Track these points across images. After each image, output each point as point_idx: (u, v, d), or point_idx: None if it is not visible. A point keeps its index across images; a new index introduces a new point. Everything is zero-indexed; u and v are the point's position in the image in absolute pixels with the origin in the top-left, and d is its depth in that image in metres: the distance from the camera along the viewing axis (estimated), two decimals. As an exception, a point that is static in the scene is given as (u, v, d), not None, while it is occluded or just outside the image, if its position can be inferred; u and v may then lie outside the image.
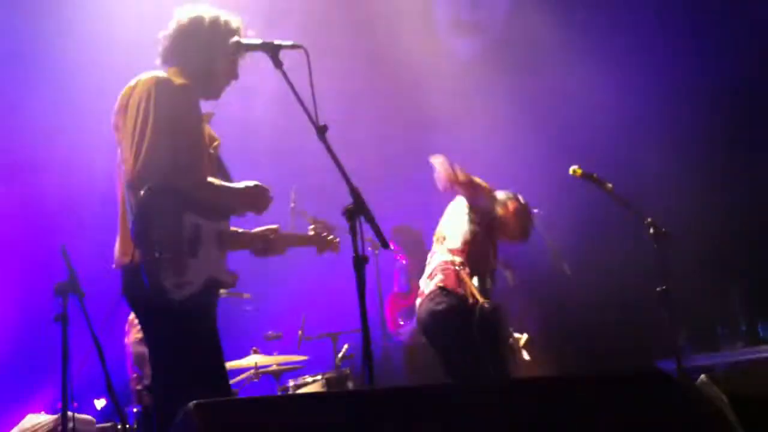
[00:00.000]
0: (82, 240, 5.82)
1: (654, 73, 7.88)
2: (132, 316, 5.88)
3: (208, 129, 3.65)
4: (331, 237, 4.09)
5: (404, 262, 7.60)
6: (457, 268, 5.10)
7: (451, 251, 5.19)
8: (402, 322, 7.42)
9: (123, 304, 4.70)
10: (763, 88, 7.77)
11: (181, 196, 3.30)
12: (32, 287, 6.32)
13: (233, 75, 3.67)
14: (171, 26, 3.59)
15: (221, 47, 3.55)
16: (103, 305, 5.13)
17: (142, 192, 3.19)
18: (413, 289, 6.52)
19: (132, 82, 3.43)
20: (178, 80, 3.48)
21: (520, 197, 5.60)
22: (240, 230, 3.77)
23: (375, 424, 2.23)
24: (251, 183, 3.56)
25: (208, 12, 3.60)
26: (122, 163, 3.33)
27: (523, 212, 5.53)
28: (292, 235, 4.09)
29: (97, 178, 6.60)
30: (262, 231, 3.82)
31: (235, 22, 3.63)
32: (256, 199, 3.56)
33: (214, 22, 3.57)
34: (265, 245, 3.83)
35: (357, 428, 2.21)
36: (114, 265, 3.45)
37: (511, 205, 5.47)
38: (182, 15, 3.60)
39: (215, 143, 3.66)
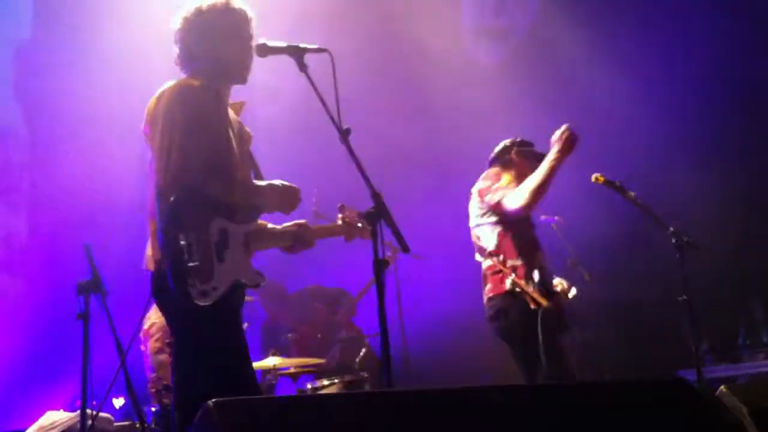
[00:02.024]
0: (106, 240, 5.86)
1: (679, 82, 7.85)
2: (148, 324, 5.91)
3: (241, 124, 3.63)
4: (360, 224, 4.05)
5: None
6: (503, 270, 4.89)
7: (491, 254, 4.99)
8: None
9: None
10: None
11: (210, 202, 3.30)
12: (55, 285, 6.36)
13: (250, 54, 3.56)
14: (183, 21, 3.52)
15: (226, 29, 3.51)
16: (126, 305, 5.15)
17: (170, 200, 3.20)
18: None
19: (157, 93, 3.43)
20: (197, 82, 3.47)
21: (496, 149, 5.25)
22: (269, 227, 3.74)
23: (392, 426, 2.23)
24: (280, 182, 3.54)
25: (203, 1, 3.54)
26: (154, 172, 3.34)
27: (514, 162, 5.15)
28: (320, 227, 4.04)
29: (123, 178, 6.68)
30: (291, 227, 3.79)
31: (239, 2, 3.60)
32: (286, 199, 3.53)
33: (212, 7, 3.53)
34: (294, 241, 3.79)
35: (374, 429, 2.21)
36: (143, 267, 3.47)
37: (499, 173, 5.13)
38: (179, 16, 3.54)
39: (248, 138, 3.65)
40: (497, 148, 5.25)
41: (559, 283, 5.14)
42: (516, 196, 4.84)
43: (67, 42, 7.26)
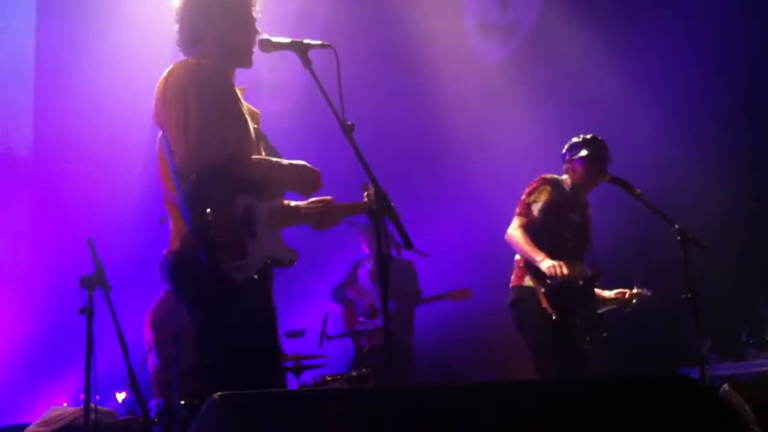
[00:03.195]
0: (110, 234, 5.86)
1: (685, 79, 7.84)
2: (153, 317, 5.90)
3: (247, 104, 3.61)
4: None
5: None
6: (521, 264, 5.23)
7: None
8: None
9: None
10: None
11: (231, 177, 3.23)
12: (59, 279, 6.37)
13: (255, 37, 3.52)
14: (176, 11, 3.49)
15: (232, 11, 3.47)
16: (129, 299, 5.16)
17: (192, 178, 3.13)
18: None
19: (165, 73, 3.39)
20: (205, 61, 3.41)
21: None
22: (293, 204, 3.64)
23: (397, 421, 2.22)
24: (301, 163, 3.49)
25: None
26: (171, 153, 3.27)
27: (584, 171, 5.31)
28: (345, 204, 4.01)
29: (127, 171, 6.69)
30: (316, 203, 3.74)
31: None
32: (306, 179, 3.47)
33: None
34: (322, 218, 3.70)
35: (378, 424, 2.21)
36: (169, 249, 3.38)
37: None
38: None
39: (257, 117, 3.62)
40: (569, 143, 5.43)
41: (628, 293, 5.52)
42: (509, 231, 5.21)
43: (71, 37, 7.27)
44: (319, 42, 3.44)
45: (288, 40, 3.45)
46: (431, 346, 7.56)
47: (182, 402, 4.97)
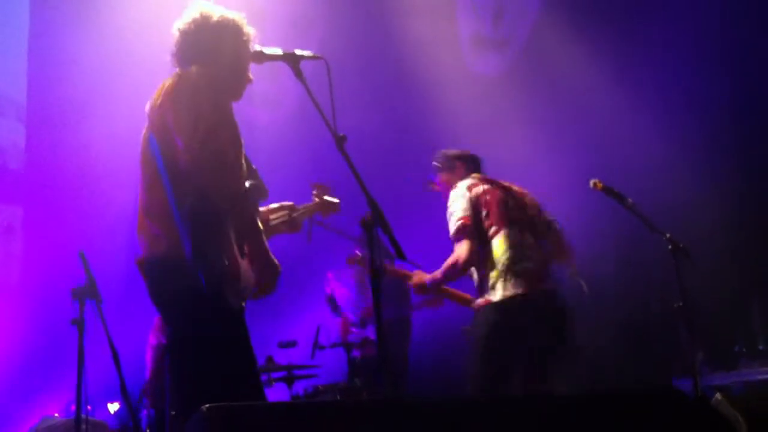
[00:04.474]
0: (102, 245, 5.85)
1: (678, 91, 7.86)
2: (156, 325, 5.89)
3: None
4: (332, 199, 4.10)
5: None
6: None
7: None
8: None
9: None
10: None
11: (225, 197, 3.20)
12: (50, 291, 6.35)
13: (250, 78, 3.57)
14: (190, 22, 3.48)
15: (243, 48, 3.50)
16: (121, 311, 5.15)
17: (190, 201, 3.10)
18: None
19: (174, 77, 3.35)
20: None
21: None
22: (271, 217, 3.72)
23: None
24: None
25: (227, 12, 3.51)
26: (167, 155, 3.22)
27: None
28: (302, 207, 4.06)
29: (120, 184, 6.68)
30: (281, 215, 3.77)
31: (248, 26, 3.58)
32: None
33: (234, 23, 3.51)
34: (289, 227, 3.83)
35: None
36: (142, 257, 3.34)
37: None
38: (200, 11, 3.49)
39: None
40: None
41: None
42: None
43: (63, 41, 7.26)
44: (310, 53, 3.44)
45: (280, 51, 3.46)
46: (427, 357, 7.55)
47: (173, 413, 4.96)
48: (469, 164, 5.07)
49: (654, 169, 7.79)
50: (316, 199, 4.12)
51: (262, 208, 3.70)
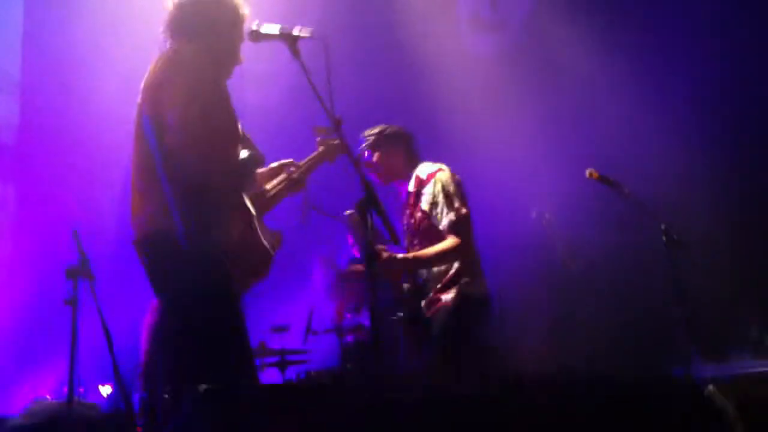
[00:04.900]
0: (96, 225, 5.83)
1: (677, 81, 7.83)
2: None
3: None
4: (335, 141, 4.01)
5: None
6: None
7: None
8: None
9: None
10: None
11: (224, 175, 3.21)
12: (44, 270, 6.33)
13: (241, 58, 3.55)
14: (166, 22, 3.47)
15: (237, 27, 3.49)
16: (114, 291, 5.13)
17: (184, 179, 3.10)
18: None
19: (170, 54, 3.33)
20: (204, 55, 3.38)
21: None
22: (269, 188, 3.65)
23: (379, 416, 2.22)
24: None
25: None
26: (174, 139, 3.18)
27: None
28: (307, 161, 3.94)
29: (114, 163, 6.65)
30: (281, 177, 3.71)
31: (244, 5, 3.56)
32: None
33: (230, 2, 3.50)
34: (293, 189, 3.76)
35: (363, 418, 2.20)
36: (137, 237, 3.31)
37: None
38: (172, 4, 3.47)
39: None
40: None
41: None
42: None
43: (59, 23, 7.23)
44: (308, 33, 3.42)
45: (277, 30, 3.42)
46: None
47: (165, 396, 4.94)
48: (412, 146, 4.84)
49: (651, 163, 7.77)
50: (321, 147, 4.01)
51: (259, 171, 3.65)
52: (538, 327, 7.78)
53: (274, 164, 3.74)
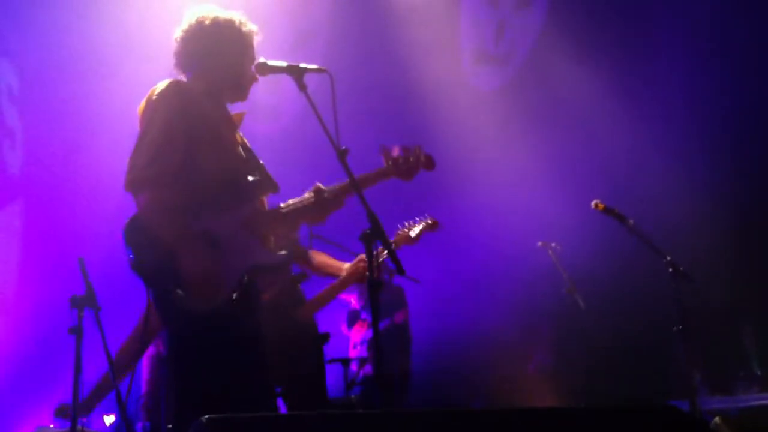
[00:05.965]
0: (101, 254, 5.84)
1: (679, 112, 7.86)
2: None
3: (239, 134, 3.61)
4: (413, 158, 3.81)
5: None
6: None
7: None
8: None
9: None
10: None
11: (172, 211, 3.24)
12: (48, 299, 6.34)
13: (254, 76, 3.55)
14: (185, 29, 3.52)
15: (240, 47, 3.53)
16: (119, 320, 5.14)
17: (129, 227, 3.26)
18: None
19: (151, 90, 3.42)
20: (198, 85, 3.45)
21: None
22: (284, 207, 3.51)
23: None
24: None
25: (222, 13, 3.53)
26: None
27: None
28: (364, 175, 3.63)
29: (120, 191, 6.68)
30: (309, 198, 3.54)
31: (248, 23, 3.58)
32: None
33: (231, 23, 3.53)
34: (321, 212, 3.56)
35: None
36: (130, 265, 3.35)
37: None
38: (195, 17, 3.52)
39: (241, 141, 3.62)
40: None
41: None
42: None
43: (59, 51, 7.30)
44: (314, 66, 3.45)
45: (284, 63, 3.46)
46: (423, 374, 7.53)
47: (169, 426, 4.93)
48: None
49: (654, 189, 7.79)
50: (390, 164, 3.75)
51: (281, 204, 3.56)
52: (542, 357, 7.77)
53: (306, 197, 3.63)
